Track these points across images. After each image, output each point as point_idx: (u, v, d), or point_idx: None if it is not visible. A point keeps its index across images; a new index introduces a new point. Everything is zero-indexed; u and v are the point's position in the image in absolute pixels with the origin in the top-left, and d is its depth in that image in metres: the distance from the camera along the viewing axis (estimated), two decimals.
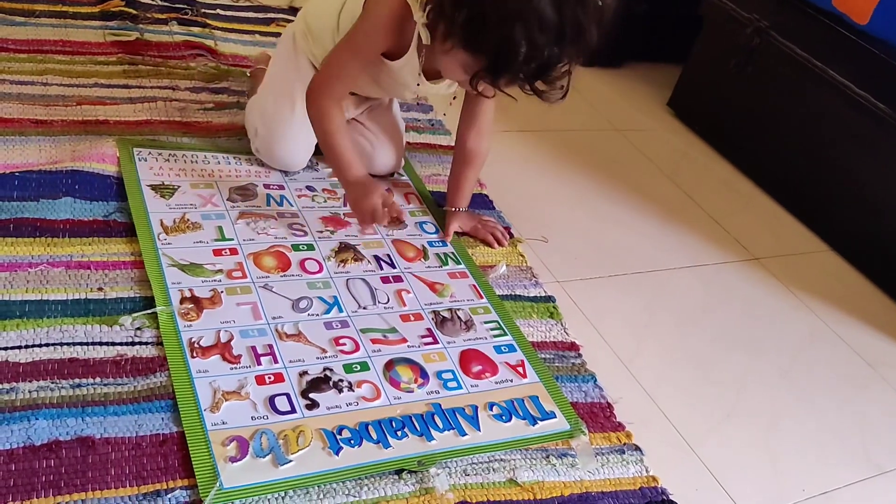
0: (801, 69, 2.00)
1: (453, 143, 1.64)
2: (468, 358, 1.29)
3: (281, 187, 1.55)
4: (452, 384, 1.24)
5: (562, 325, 1.44)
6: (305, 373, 1.18)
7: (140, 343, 1.15)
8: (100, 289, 1.22)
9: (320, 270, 1.38)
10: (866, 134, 1.87)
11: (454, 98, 1.49)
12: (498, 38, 1.13)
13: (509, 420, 1.21)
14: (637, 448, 1.24)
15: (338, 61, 1.38)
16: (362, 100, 1.60)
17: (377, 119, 1.63)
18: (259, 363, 1.17)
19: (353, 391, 1.17)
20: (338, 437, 1.09)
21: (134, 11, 1.98)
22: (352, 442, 1.09)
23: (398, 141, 1.65)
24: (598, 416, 1.27)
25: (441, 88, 1.45)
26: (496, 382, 1.27)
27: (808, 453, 1.34)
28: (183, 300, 1.23)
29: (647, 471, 1.21)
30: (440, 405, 1.19)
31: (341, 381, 1.18)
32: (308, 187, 1.57)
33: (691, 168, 2.16)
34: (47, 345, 1.11)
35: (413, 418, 1.16)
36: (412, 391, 1.20)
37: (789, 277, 1.79)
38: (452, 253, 1.52)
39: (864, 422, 1.45)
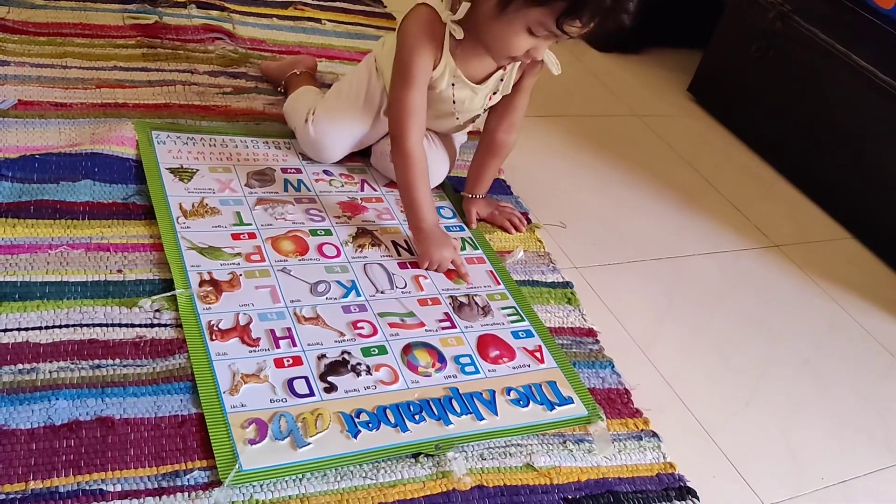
0: (823, 54, 1.97)
1: (475, 131, 1.63)
2: (486, 343, 1.29)
3: (298, 171, 1.55)
4: (470, 369, 1.24)
5: (579, 310, 1.43)
6: (324, 356, 1.18)
7: (159, 325, 1.16)
8: (119, 271, 1.23)
9: (338, 255, 1.38)
10: (890, 120, 1.84)
11: (483, 111, 1.51)
12: None
13: (527, 405, 1.21)
14: (654, 434, 1.23)
15: (398, 99, 1.38)
16: None
17: (438, 133, 1.62)
18: (278, 346, 1.17)
19: (371, 375, 1.17)
20: (356, 420, 1.10)
21: None
22: (370, 425, 1.10)
23: (452, 153, 1.64)
24: (616, 403, 1.27)
25: (478, 99, 1.45)
26: (514, 367, 1.27)
27: (827, 441, 1.34)
28: (202, 283, 1.23)
29: (664, 457, 1.20)
30: (458, 389, 1.19)
31: (359, 364, 1.18)
32: (325, 171, 1.57)
33: (711, 154, 2.15)
34: (67, 326, 1.12)
35: (431, 402, 1.16)
36: (430, 375, 1.20)
37: (810, 265, 1.77)
38: (470, 238, 1.52)
39: (884, 410, 1.43)
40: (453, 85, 1.41)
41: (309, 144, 1.56)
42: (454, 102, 1.44)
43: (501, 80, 1.44)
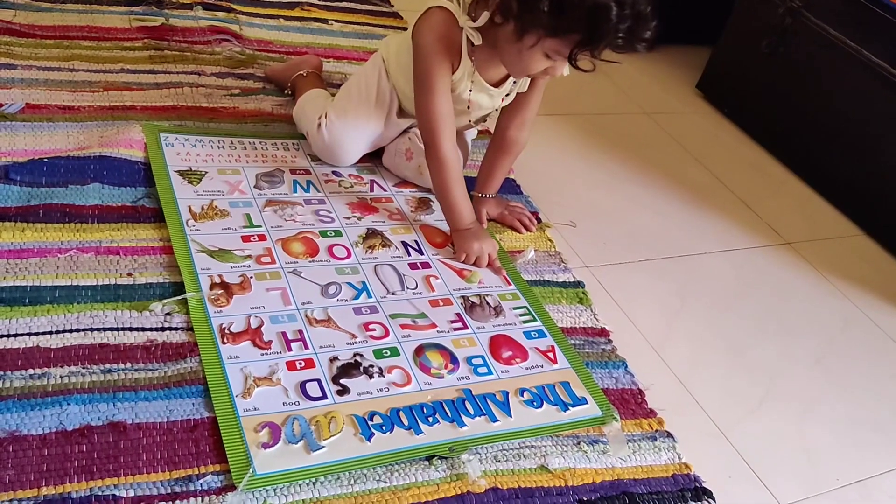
0: (834, 50, 1.96)
1: (485, 130, 1.62)
2: (498, 343, 1.28)
3: (307, 172, 1.54)
4: (483, 370, 1.23)
5: (591, 310, 1.42)
6: (336, 358, 1.17)
7: (170, 329, 1.15)
8: (129, 274, 1.22)
9: (348, 256, 1.37)
10: None
11: (495, 111, 1.51)
12: (588, 10, 1.16)
13: (540, 406, 1.20)
14: (669, 435, 1.22)
15: (425, 108, 1.39)
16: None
17: None
18: (289, 349, 1.16)
19: (384, 377, 1.17)
20: (369, 423, 1.09)
21: None
22: (383, 428, 1.09)
23: (465, 150, 1.63)
24: (630, 403, 1.26)
25: (494, 101, 1.46)
26: (526, 368, 1.26)
27: (842, 440, 1.32)
28: (213, 286, 1.23)
29: (679, 458, 1.19)
30: (471, 391, 1.18)
31: (372, 366, 1.17)
32: (335, 172, 1.57)
33: (721, 151, 2.13)
34: (78, 330, 1.11)
35: (444, 404, 1.15)
36: (442, 377, 1.19)
37: (822, 262, 1.76)
38: None
39: None
40: (471, 91, 1.42)
41: (324, 149, 1.55)
42: (469, 103, 1.44)
43: (515, 82, 1.44)
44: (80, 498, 0.92)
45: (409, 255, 1.42)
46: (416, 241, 1.45)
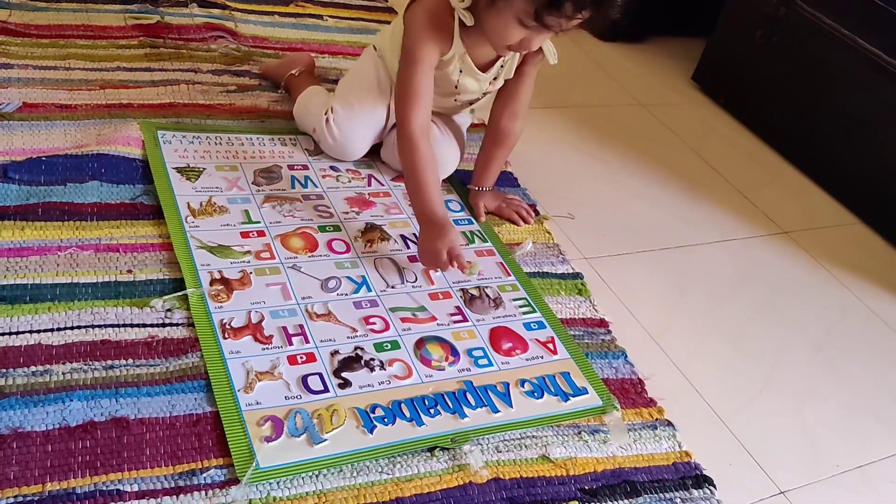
0: (829, 38, 1.96)
1: (480, 122, 1.62)
2: (498, 335, 1.29)
3: (305, 167, 1.55)
4: (483, 361, 1.23)
5: (590, 301, 1.43)
6: (337, 352, 1.17)
7: (171, 324, 1.16)
8: (129, 271, 1.22)
9: (348, 251, 1.38)
10: None
11: (482, 95, 1.51)
12: None
13: (541, 396, 1.20)
14: (669, 423, 1.23)
15: (402, 79, 1.37)
16: None
17: (443, 119, 1.60)
18: (290, 343, 1.17)
19: (385, 370, 1.17)
20: (371, 415, 1.09)
21: None
22: (385, 420, 1.09)
23: (461, 140, 1.63)
24: (630, 392, 1.27)
25: (482, 84, 1.46)
26: (527, 359, 1.26)
27: (842, 427, 1.33)
28: (213, 282, 1.23)
29: (679, 446, 1.20)
30: (472, 382, 1.19)
31: (373, 359, 1.18)
32: (332, 167, 1.57)
33: (717, 141, 2.14)
34: (79, 327, 1.12)
35: (445, 396, 1.16)
36: (443, 369, 1.20)
37: (819, 251, 1.77)
38: (479, 231, 1.51)
39: None
40: (461, 72, 1.42)
41: (333, 146, 1.55)
42: (457, 83, 1.45)
43: (502, 66, 1.44)
44: (85, 493, 0.92)
45: (409, 248, 1.42)
46: (414, 235, 1.45)
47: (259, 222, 1.38)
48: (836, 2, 1.95)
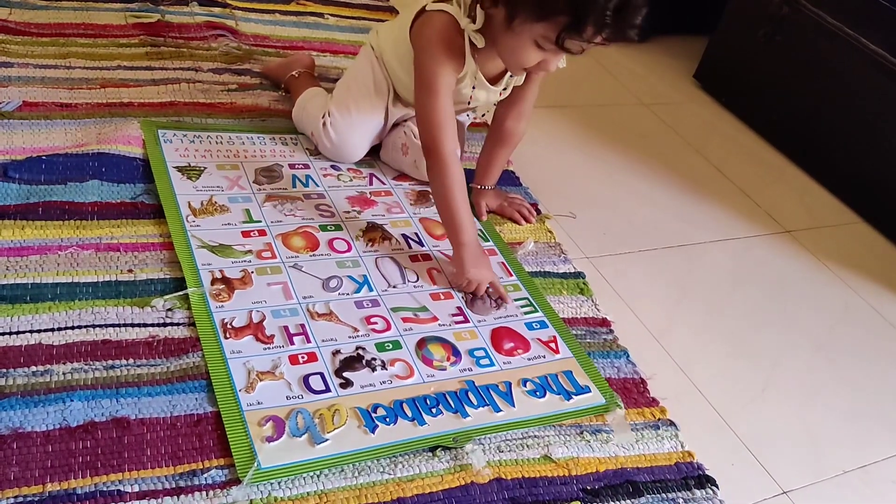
0: (832, 38, 1.96)
1: (482, 122, 1.62)
2: (500, 335, 1.28)
3: (306, 166, 1.54)
4: (485, 361, 1.23)
5: (592, 300, 1.43)
6: (338, 352, 1.17)
7: (172, 324, 1.15)
8: (130, 270, 1.22)
9: (349, 250, 1.37)
10: None
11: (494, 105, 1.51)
12: None
13: (543, 395, 1.20)
14: (672, 423, 1.22)
15: (426, 110, 1.35)
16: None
17: None
18: (292, 343, 1.16)
19: (387, 369, 1.17)
20: (373, 415, 1.09)
21: None
22: (387, 420, 1.09)
23: (462, 134, 1.62)
24: (632, 392, 1.26)
25: (492, 96, 1.45)
26: (529, 359, 1.26)
27: (844, 427, 1.33)
28: (214, 281, 1.23)
29: (682, 446, 1.19)
30: (473, 382, 1.19)
31: (374, 359, 1.17)
32: (333, 166, 1.56)
33: (719, 141, 2.13)
34: (80, 327, 1.11)
35: (447, 395, 1.15)
36: (445, 369, 1.20)
37: (822, 250, 1.76)
38: (480, 230, 1.51)
39: None
40: (474, 88, 1.41)
41: (331, 149, 1.55)
42: (470, 99, 1.44)
43: (512, 76, 1.44)
44: (86, 493, 0.92)
45: (410, 247, 1.42)
46: (416, 234, 1.45)
47: (260, 221, 1.38)
48: (839, 1, 1.94)
